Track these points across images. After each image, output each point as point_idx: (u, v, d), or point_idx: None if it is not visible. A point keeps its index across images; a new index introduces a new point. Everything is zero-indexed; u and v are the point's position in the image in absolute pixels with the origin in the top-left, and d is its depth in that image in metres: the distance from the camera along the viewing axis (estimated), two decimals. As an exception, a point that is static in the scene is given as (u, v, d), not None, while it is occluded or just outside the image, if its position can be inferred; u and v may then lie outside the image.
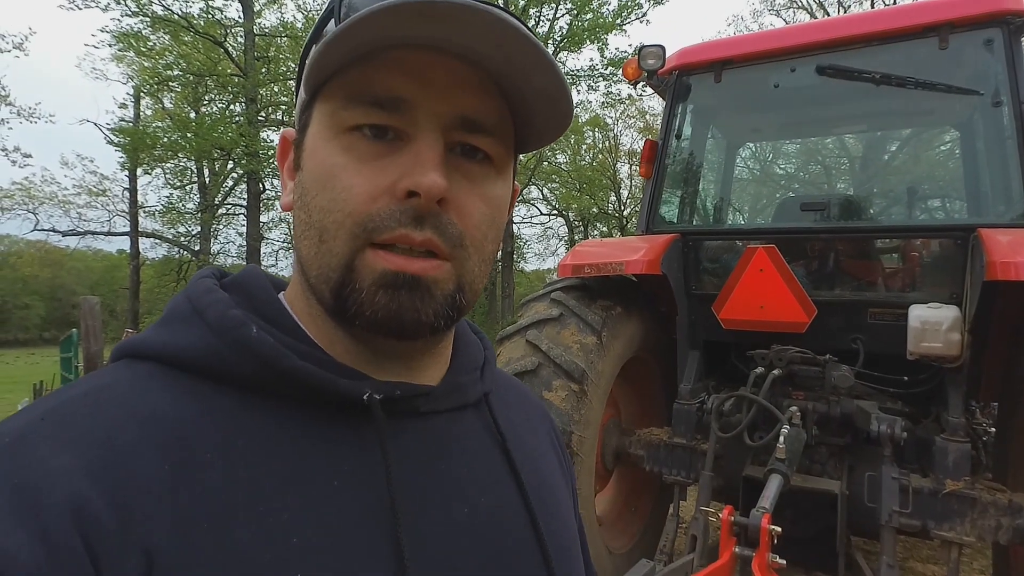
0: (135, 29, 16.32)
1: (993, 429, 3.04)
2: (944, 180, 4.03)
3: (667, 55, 3.33)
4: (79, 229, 20.99)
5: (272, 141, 18.25)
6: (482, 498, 0.56)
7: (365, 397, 0.50)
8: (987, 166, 3.01)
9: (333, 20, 0.51)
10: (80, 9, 15.49)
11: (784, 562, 2.04)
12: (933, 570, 3.88)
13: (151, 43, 16.95)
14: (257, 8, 17.87)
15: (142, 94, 18.98)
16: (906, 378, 2.81)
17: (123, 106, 19.15)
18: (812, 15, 20.28)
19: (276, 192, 19.97)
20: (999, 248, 2.26)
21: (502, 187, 0.56)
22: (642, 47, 3.31)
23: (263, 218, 20.07)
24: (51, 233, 21.38)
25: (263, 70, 17.51)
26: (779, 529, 2.05)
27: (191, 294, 0.53)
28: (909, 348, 2.51)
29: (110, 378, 0.47)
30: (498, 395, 0.66)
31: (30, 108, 18.98)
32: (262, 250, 19.48)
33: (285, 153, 0.59)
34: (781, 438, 2.36)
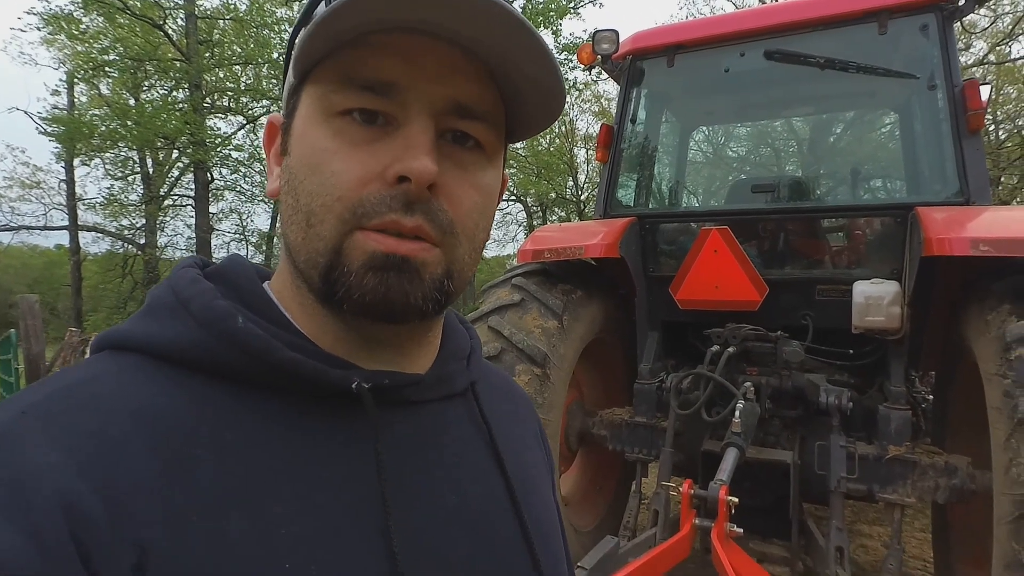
0: (65, 11, 15.34)
1: (931, 396, 3.22)
2: (885, 161, 4.20)
3: (621, 40, 3.36)
4: (12, 224, 19.73)
5: (219, 129, 17.55)
6: (470, 487, 0.56)
7: (354, 386, 0.50)
8: (924, 147, 3.15)
9: (323, 2, 0.50)
10: (3, -11, 14.51)
11: (741, 531, 2.13)
12: (879, 531, 4.11)
13: (84, 26, 15.94)
14: (198, -11, 17.06)
15: (76, 80, 17.90)
16: (852, 351, 2.95)
17: (56, 93, 18.00)
18: (763, 0, 20.66)
19: (225, 182, 19.29)
20: (935, 225, 2.38)
21: (493, 176, 0.55)
22: (596, 32, 3.32)
23: (212, 208, 19.36)
24: (-20, 229, 20.14)
25: (207, 54, 16.76)
26: (736, 500, 2.13)
27: (175, 284, 0.52)
28: (854, 322, 2.63)
29: (94, 371, 0.46)
30: (484, 385, 0.66)
31: (-49, 96, 17.78)
32: (212, 242, 18.79)
33: (272, 139, 0.58)
34: (737, 413, 2.44)
